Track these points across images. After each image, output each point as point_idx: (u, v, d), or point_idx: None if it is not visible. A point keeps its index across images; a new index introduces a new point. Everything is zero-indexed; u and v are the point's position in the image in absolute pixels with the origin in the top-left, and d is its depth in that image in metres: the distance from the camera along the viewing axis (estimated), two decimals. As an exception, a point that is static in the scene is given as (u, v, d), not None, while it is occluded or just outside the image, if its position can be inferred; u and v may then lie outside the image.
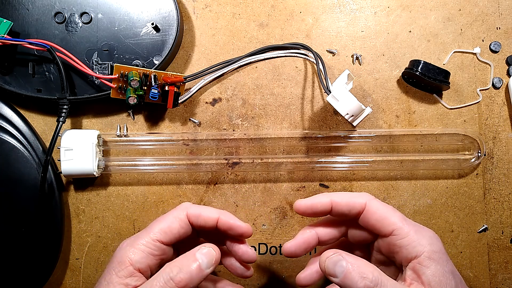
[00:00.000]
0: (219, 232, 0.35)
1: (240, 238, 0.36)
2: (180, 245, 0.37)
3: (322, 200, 0.34)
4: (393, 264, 0.34)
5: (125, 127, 0.43)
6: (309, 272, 0.36)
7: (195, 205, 0.35)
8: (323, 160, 0.42)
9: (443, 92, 0.43)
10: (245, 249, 0.36)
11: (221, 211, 0.35)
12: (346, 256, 0.30)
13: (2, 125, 0.41)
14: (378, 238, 0.34)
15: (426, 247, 0.31)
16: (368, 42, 0.43)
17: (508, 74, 0.43)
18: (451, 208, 0.43)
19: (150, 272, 0.33)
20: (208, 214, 0.34)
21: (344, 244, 0.38)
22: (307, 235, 0.35)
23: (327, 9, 0.44)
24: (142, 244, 0.33)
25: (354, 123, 0.43)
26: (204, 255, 0.32)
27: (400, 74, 0.43)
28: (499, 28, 0.43)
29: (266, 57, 0.43)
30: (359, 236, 0.35)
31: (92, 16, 0.41)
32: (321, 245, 0.36)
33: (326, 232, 0.36)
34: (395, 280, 0.31)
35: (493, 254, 0.42)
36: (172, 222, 0.34)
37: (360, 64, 0.43)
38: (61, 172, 0.40)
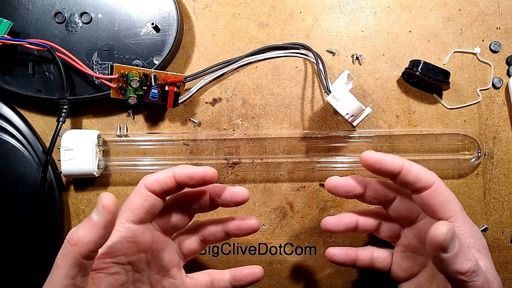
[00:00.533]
0: (195, 195, 0.34)
1: (205, 184, 0.33)
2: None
3: (395, 160, 0.32)
4: (422, 255, 0.35)
5: (125, 127, 0.43)
6: (338, 220, 0.35)
7: (149, 174, 0.33)
8: (323, 160, 0.42)
9: (443, 92, 0.43)
10: (230, 191, 0.34)
11: (175, 167, 0.33)
12: (456, 234, 0.29)
13: (2, 125, 0.41)
14: (423, 222, 0.34)
15: (478, 240, 0.31)
16: (368, 42, 0.43)
17: (508, 74, 0.43)
18: (451, 208, 0.43)
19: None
20: (164, 175, 0.32)
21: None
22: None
23: (327, 9, 0.44)
24: (115, 229, 0.32)
25: (354, 123, 0.43)
26: (95, 207, 0.29)
27: (400, 74, 0.43)
28: (499, 28, 0.43)
29: (266, 57, 0.43)
30: (403, 212, 0.34)
31: (92, 16, 0.41)
32: (363, 200, 0.35)
33: (375, 190, 0.35)
34: (422, 268, 0.32)
35: (493, 254, 0.42)
36: (133, 198, 0.32)
37: (360, 64, 0.43)
38: (61, 172, 0.40)
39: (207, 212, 0.36)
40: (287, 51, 0.43)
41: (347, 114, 0.38)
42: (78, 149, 0.40)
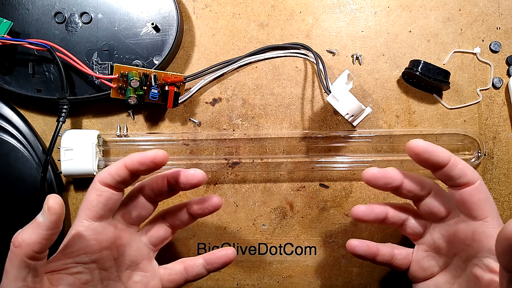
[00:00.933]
0: (154, 182, 0.34)
1: (158, 167, 0.32)
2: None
3: (444, 152, 0.31)
4: (444, 256, 0.34)
5: (125, 127, 0.43)
6: (369, 210, 0.35)
7: (105, 168, 0.33)
8: (323, 160, 0.42)
9: (443, 92, 0.43)
10: (185, 173, 0.33)
11: (126, 157, 0.32)
12: None
13: (2, 125, 0.41)
14: (453, 221, 0.33)
15: None
16: (368, 42, 0.43)
17: (508, 74, 0.43)
18: (451, 208, 0.43)
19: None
20: (115, 166, 0.32)
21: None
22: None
23: (327, 9, 0.44)
24: (73, 230, 0.32)
25: (354, 123, 0.43)
26: (43, 208, 0.29)
27: (400, 74, 0.43)
28: (499, 28, 0.43)
29: (266, 57, 0.43)
30: (435, 207, 0.34)
31: (92, 16, 0.41)
32: (399, 194, 0.34)
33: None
34: (443, 268, 0.32)
35: (493, 254, 0.42)
36: (89, 196, 0.32)
37: (360, 64, 0.43)
38: (61, 172, 0.40)
39: (168, 198, 0.35)
40: (287, 51, 0.43)
41: (347, 114, 0.38)
42: (78, 149, 0.40)
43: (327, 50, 0.44)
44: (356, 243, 0.36)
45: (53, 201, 0.28)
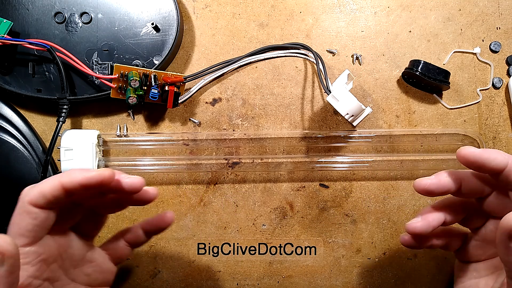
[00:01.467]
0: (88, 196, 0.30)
1: (104, 188, 0.29)
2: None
3: (499, 157, 0.29)
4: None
5: (125, 127, 0.43)
6: (426, 224, 0.32)
7: (33, 185, 0.28)
8: (323, 160, 0.42)
9: (443, 92, 0.43)
10: (126, 181, 0.30)
11: (63, 173, 0.28)
12: None
13: (2, 125, 0.41)
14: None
15: None
16: (368, 42, 0.43)
17: (508, 74, 0.43)
18: (451, 208, 0.43)
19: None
20: (49, 187, 0.27)
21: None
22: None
23: (327, 9, 0.44)
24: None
25: (354, 123, 0.43)
26: None
27: (400, 74, 0.43)
28: (499, 28, 0.43)
29: (266, 57, 0.43)
30: (495, 208, 0.31)
31: (92, 16, 0.41)
32: (459, 195, 0.32)
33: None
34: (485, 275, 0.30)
35: (493, 254, 0.42)
36: (20, 221, 0.28)
37: (360, 64, 0.43)
38: (61, 172, 0.40)
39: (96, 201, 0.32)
40: (287, 51, 0.43)
41: (347, 114, 0.38)
42: (78, 149, 0.40)
43: (327, 50, 0.44)
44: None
45: (4, 242, 0.24)
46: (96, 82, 0.42)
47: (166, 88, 0.40)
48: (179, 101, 0.42)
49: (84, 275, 0.33)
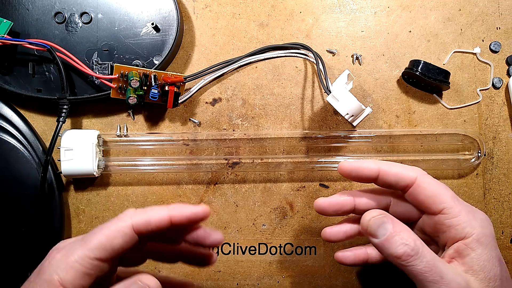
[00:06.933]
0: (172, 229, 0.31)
1: (199, 223, 0.31)
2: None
3: (370, 165, 0.32)
4: (435, 244, 0.33)
5: (125, 127, 0.43)
6: (337, 229, 0.35)
7: (140, 211, 0.29)
8: (323, 160, 0.42)
9: (443, 92, 0.43)
10: (207, 232, 0.31)
11: (170, 206, 0.29)
12: (390, 220, 0.29)
13: (2, 125, 0.41)
14: (424, 216, 0.32)
15: (477, 229, 0.29)
16: (368, 42, 0.43)
17: (508, 74, 0.43)
18: (451, 208, 0.43)
19: None
20: (159, 217, 0.29)
21: None
22: (343, 199, 0.34)
23: (327, 9, 0.44)
24: (77, 262, 0.27)
25: (354, 123, 0.43)
26: None
27: (400, 74, 0.43)
28: (499, 28, 0.43)
29: (266, 57, 0.43)
30: (403, 212, 0.33)
31: (92, 16, 0.41)
32: (356, 214, 0.35)
33: (364, 202, 0.34)
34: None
35: (493, 254, 0.42)
36: (114, 237, 0.28)
37: (360, 64, 0.43)
38: (61, 172, 0.40)
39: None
40: (287, 51, 0.43)
41: (347, 114, 0.38)
42: (78, 149, 0.40)
43: (327, 50, 0.44)
44: (343, 254, 0.35)
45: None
46: (96, 82, 0.42)
47: (166, 88, 0.40)
48: (179, 101, 0.42)
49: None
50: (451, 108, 0.43)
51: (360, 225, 0.31)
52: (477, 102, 0.43)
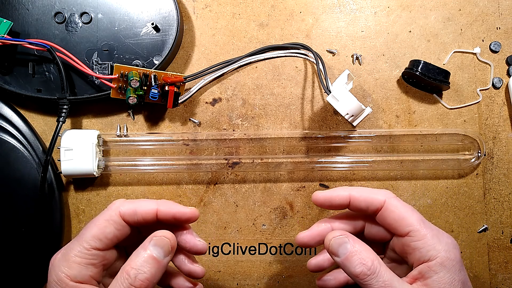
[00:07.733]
0: (162, 224, 0.32)
1: (185, 224, 0.33)
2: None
3: (341, 193, 0.33)
4: (406, 263, 0.34)
5: (125, 127, 0.43)
6: (321, 258, 0.35)
7: (128, 201, 0.31)
8: (323, 160, 0.42)
9: (443, 92, 0.43)
10: (193, 242, 0.33)
11: (159, 201, 0.32)
12: (351, 240, 0.30)
13: (2, 125, 0.41)
14: (394, 237, 0.33)
15: (441, 253, 0.30)
16: (368, 42, 0.43)
17: (508, 74, 0.43)
18: (451, 208, 0.43)
19: (97, 280, 0.30)
20: (145, 208, 0.31)
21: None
22: (322, 228, 0.35)
23: (327, 9, 0.44)
24: (76, 256, 0.29)
25: (354, 123, 0.43)
26: (158, 245, 0.29)
27: (400, 74, 0.43)
28: (499, 28, 0.43)
29: (266, 57, 0.43)
30: (376, 234, 0.34)
31: (92, 16, 0.41)
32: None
33: (341, 227, 0.35)
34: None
35: (493, 254, 0.42)
36: (105, 227, 0.30)
37: (360, 64, 0.43)
38: (61, 172, 0.40)
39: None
40: (287, 51, 0.43)
41: (347, 114, 0.38)
42: (78, 149, 0.40)
43: (327, 50, 0.44)
44: (324, 279, 0.36)
45: (174, 241, 0.30)
46: (96, 82, 0.41)
47: (166, 88, 0.40)
48: (179, 101, 0.42)
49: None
50: (451, 108, 0.43)
51: (324, 245, 0.32)
52: (477, 102, 0.43)
